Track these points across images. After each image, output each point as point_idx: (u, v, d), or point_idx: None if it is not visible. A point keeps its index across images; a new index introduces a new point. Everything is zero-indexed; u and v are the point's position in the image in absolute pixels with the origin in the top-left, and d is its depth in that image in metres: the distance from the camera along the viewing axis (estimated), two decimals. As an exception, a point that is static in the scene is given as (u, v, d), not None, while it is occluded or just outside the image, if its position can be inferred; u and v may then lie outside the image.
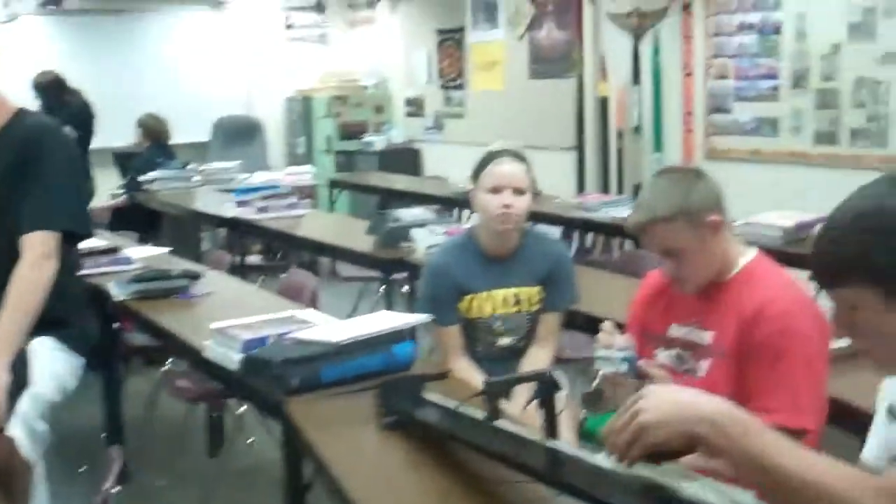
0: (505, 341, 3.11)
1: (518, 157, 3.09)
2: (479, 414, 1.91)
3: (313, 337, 2.67)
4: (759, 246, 4.29)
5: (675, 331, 2.41)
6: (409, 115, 9.74)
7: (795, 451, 1.40)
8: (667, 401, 1.43)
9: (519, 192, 3.02)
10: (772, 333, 2.21)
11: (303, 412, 2.43)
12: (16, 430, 2.28)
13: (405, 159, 9.27)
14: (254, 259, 6.84)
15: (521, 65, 8.11)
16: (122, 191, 7.62)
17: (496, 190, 3.01)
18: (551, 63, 7.83)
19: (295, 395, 2.50)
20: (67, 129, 6.85)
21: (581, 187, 7.56)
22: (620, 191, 7.33)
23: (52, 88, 7.02)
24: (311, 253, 5.92)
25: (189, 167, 7.71)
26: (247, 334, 2.79)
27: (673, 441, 1.41)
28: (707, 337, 2.34)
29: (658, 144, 7.03)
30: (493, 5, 8.36)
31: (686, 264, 2.31)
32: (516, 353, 3.12)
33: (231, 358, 2.76)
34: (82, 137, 7.04)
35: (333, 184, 8.15)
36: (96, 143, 7.77)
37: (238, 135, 9.86)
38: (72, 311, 2.68)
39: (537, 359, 3.11)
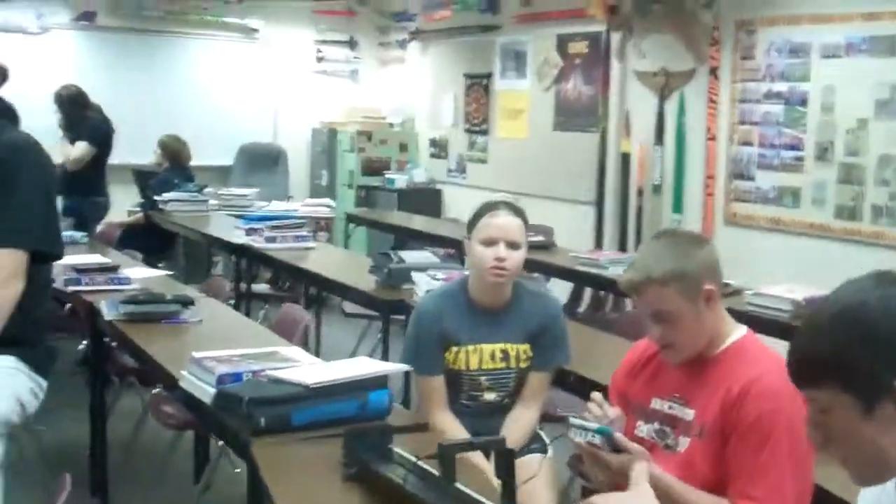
0: (490, 397, 3.03)
1: (514, 210, 3.03)
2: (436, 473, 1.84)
3: (288, 377, 2.60)
4: (766, 319, 4.27)
5: (658, 404, 2.33)
6: (433, 155, 9.72)
7: None
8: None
9: (513, 245, 2.95)
10: (759, 415, 2.13)
11: (268, 454, 2.36)
12: (-38, 452, 2.22)
13: (426, 199, 9.23)
14: (262, 287, 6.78)
15: (546, 115, 8.08)
16: (138, 209, 7.62)
17: (490, 242, 2.95)
18: (576, 116, 7.79)
19: (263, 436, 2.43)
20: (84, 145, 6.91)
21: (599, 242, 7.49)
22: (637, 247, 7.26)
23: (73, 102, 7.03)
24: (315, 287, 5.85)
25: (206, 190, 7.71)
26: (223, 368, 2.73)
27: None
28: (689, 413, 2.26)
29: (678, 205, 6.96)
30: (522, 54, 8.34)
31: (676, 332, 2.23)
32: (501, 409, 3.03)
33: (205, 390, 2.70)
34: (100, 153, 7.05)
35: (350, 218, 8.11)
36: (118, 159, 7.77)
37: (262, 162, 9.86)
38: (36, 331, 2.62)
39: (522, 419, 3.03)
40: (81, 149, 6.93)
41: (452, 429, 2.96)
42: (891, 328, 1.33)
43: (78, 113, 7.01)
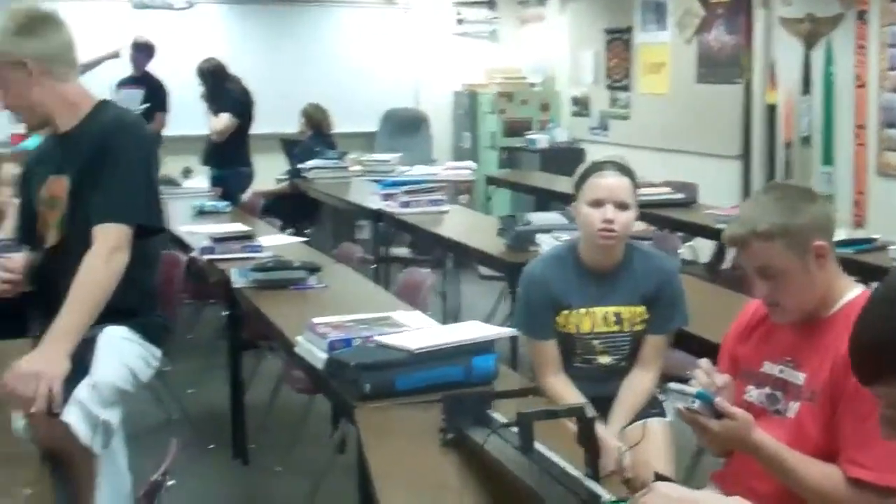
0: (605, 360, 2.98)
1: (623, 169, 2.94)
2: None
3: (393, 342, 2.63)
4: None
5: (769, 368, 2.24)
6: (575, 114, 9.60)
7: None
8: (671, 497, 1.44)
9: (622, 206, 2.88)
10: None
11: (370, 418, 2.40)
12: (71, 417, 2.33)
13: (569, 159, 9.08)
14: (401, 251, 6.87)
15: (689, 68, 7.85)
16: (285, 177, 7.82)
17: (597, 203, 2.88)
18: (719, 67, 7.54)
19: (368, 401, 2.46)
20: (227, 116, 7.11)
21: (746, 198, 7.26)
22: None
23: (214, 75, 7.25)
24: (447, 250, 5.88)
25: (349, 157, 7.84)
26: (335, 334, 2.78)
27: None
28: (800, 377, 2.16)
29: (828, 157, 6.67)
30: (662, 6, 8.12)
31: (782, 289, 2.13)
32: (617, 372, 2.98)
33: (317, 356, 2.76)
34: (241, 124, 7.25)
35: (490, 181, 8.10)
36: (264, 129, 8.00)
37: (405, 127, 9.96)
38: (147, 302, 2.72)
39: (639, 382, 2.96)
40: (224, 120, 7.15)
41: (565, 392, 2.93)
42: None
43: (219, 85, 7.22)
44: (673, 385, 2.10)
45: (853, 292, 2.19)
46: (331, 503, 3.68)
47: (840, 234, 4.62)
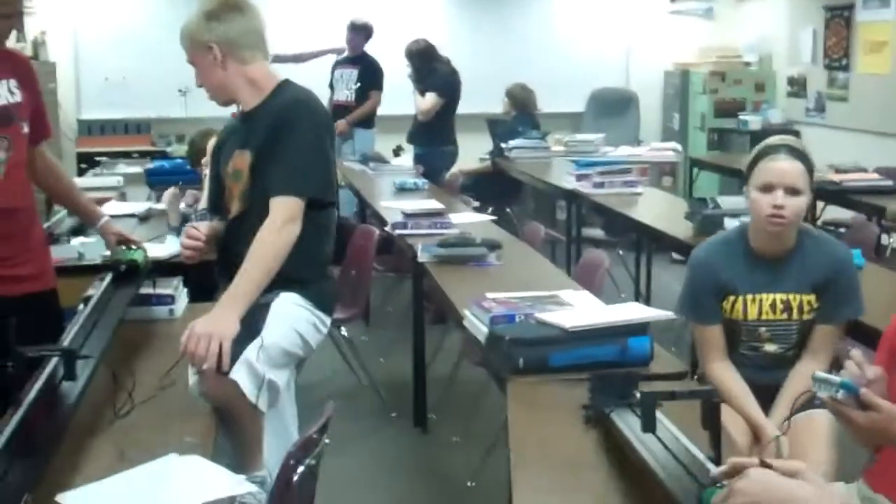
0: (771, 348, 2.93)
1: (796, 153, 2.87)
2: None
3: (551, 320, 2.69)
4: None
5: (930, 360, 2.17)
6: (790, 94, 9.24)
7: None
8: (763, 484, 1.40)
9: (793, 191, 2.81)
10: None
11: (520, 391, 2.47)
12: (239, 375, 2.51)
13: (783, 142, 8.83)
14: (595, 232, 6.87)
15: (912, 47, 7.42)
16: (487, 157, 7.96)
17: (768, 188, 2.82)
18: (945, 46, 7.09)
19: (521, 375, 2.54)
20: (433, 96, 7.30)
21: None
22: None
23: (422, 56, 7.44)
24: (636, 232, 5.85)
25: (551, 137, 7.89)
26: (499, 309, 2.87)
27: None
28: (962, 373, 2.08)
29: None
30: (886, -18, 7.70)
31: None
32: (783, 361, 2.92)
33: (480, 329, 2.85)
34: (448, 104, 7.42)
35: (693, 162, 7.95)
36: (471, 108, 8.17)
37: (613, 107, 9.90)
38: (317, 271, 2.88)
39: (806, 372, 2.87)
40: (431, 100, 7.34)
41: (728, 378, 2.90)
42: None
43: (427, 66, 7.42)
44: (819, 374, 2.06)
45: None
46: (502, 473, 3.77)
47: None
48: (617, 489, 1.91)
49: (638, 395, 2.18)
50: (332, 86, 8.08)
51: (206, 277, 3.09)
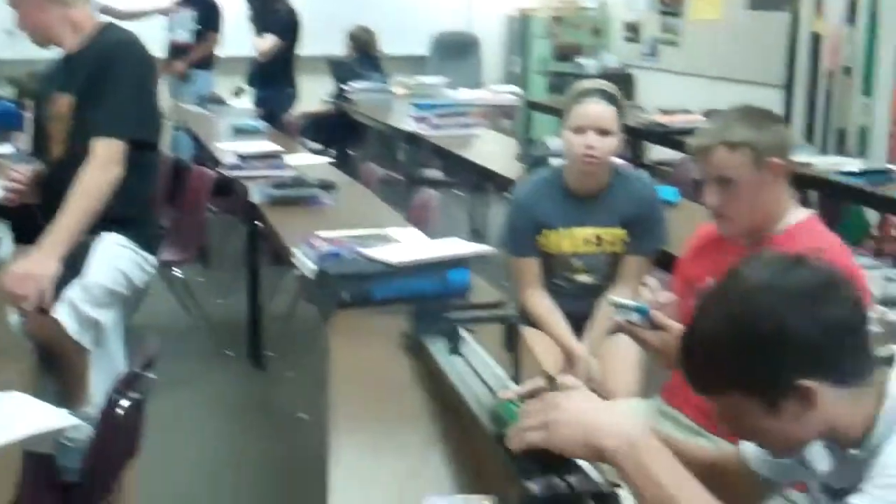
0: (584, 278, 3.11)
1: (607, 96, 3.03)
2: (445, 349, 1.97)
3: (377, 256, 2.78)
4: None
5: (713, 285, 2.35)
6: (626, 40, 9.53)
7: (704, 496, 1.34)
8: (586, 405, 1.41)
9: (604, 132, 2.97)
10: None
11: (344, 324, 2.56)
12: (61, 314, 2.53)
13: (618, 85, 9.01)
14: (434, 174, 6.99)
15: (740, -7, 7.76)
16: (329, 99, 7.96)
17: (580, 130, 2.98)
18: (769, -7, 7.45)
19: (345, 309, 2.63)
20: (272, 37, 7.25)
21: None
22: (825, 134, 6.96)
23: (260, -3, 7.37)
24: (471, 173, 5.99)
25: (394, 80, 7.95)
26: (327, 247, 2.94)
27: (571, 445, 1.37)
28: (742, 294, 2.27)
29: (868, 88, 6.60)
30: (713, -70, 8.00)
31: (734, 200, 2.23)
32: (595, 291, 3.11)
33: (309, 267, 2.92)
34: (288, 45, 7.37)
35: (530, 105, 8.15)
36: (312, 50, 8.12)
37: (456, 50, 10.00)
38: (142, 212, 2.91)
39: (616, 299, 3.08)
40: (270, 41, 7.28)
41: (543, 307, 3.08)
42: (787, 332, 1.31)
43: (266, 6, 7.34)
44: (615, 299, 2.24)
45: (799, 215, 2.29)
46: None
47: (855, 165, 4.66)
48: (430, 410, 2.02)
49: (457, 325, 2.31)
50: (169, 25, 7.90)
51: (31, 220, 3.06)
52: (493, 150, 5.54)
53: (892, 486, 1.28)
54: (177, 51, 7.67)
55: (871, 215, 6.01)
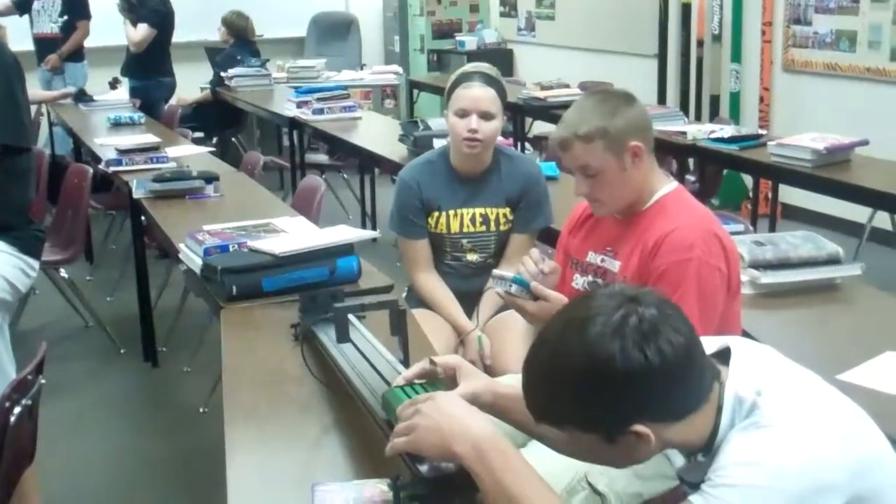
0: (473, 258, 3.17)
1: (489, 80, 3.08)
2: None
3: (262, 247, 2.79)
4: (787, 169, 4.26)
5: (592, 257, 2.44)
6: (503, 15, 9.64)
7: (543, 493, 1.40)
8: (444, 412, 1.47)
9: (486, 116, 3.03)
10: (668, 265, 2.21)
11: (235, 318, 2.56)
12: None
13: (497, 60, 9.05)
14: (319, 158, 6.98)
15: (609, -34, 7.91)
16: (208, 86, 7.85)
17: (463, 113, 3.03)
18: (637, -35, 7.61)
19: (235, 302, 2.63)
20: (145, 27, 7.11)
21: (662, 98, 7.41)
22: (699, 101, 7.18)
23: (130, -14, 7.22)
24: (355, 156, 6.01)
25: (272, 64, 7.88)
26: (212, 240, 2.93)
27: (431, 450, 1.45)
28: (616, 265, 2.36)
29: (737, 54, 6.83)
30: None
31: (601, 186, 2.29)
32: (484, 269, 3.15)
33: (195, 261, 2.91)
34: (161, 34, 7.24)
35: (413, 84, 8.18)
36: (188, 37, 8.01)
37: (334, 31, 9.93)
38: (19, 217, 2.86)
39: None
40: (142, 31, 7.14)
41: (434, 287, 3.13)
42: (619, 377, 1.34)
43: (136, -5, 7.19)
44: (495, 272, 2.30)
45: (666, 188, 2.37)
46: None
47: (727, 132, 4.82)
48: (321, 397, 2.05)
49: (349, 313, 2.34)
50: (31, 18, 7.62)
51: None
52: (377, 132, 5.56)
53: (726, 486, 1.35)
54: (44, 43, 7.44)
55: (749, 180, 6.25)
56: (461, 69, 3.20)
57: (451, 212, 3.13)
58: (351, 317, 2.17)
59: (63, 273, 4.63)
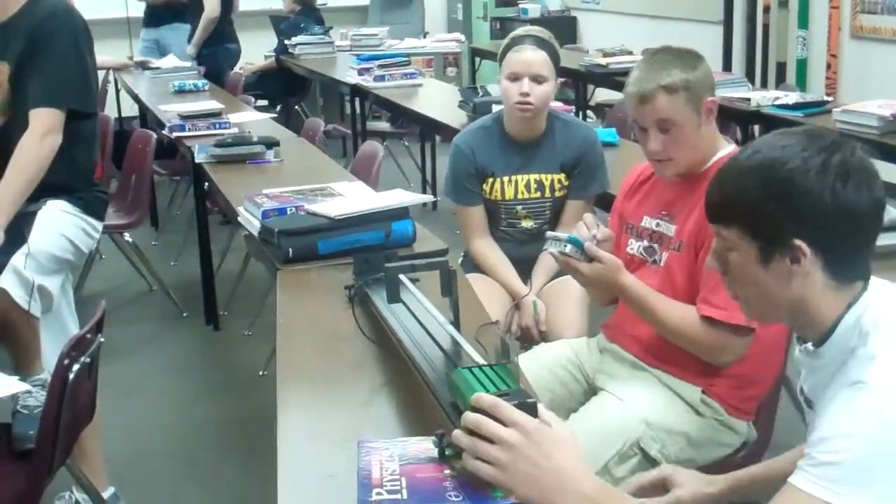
0: (528, 224, 3.16)
1: (541, 42, 3.06)
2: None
3: (319, 210, 2.81)
4: (854, 136, 4.17)
5: (647, 222, 2.42)
6: (568, -19, 9.55)
7: None
8: (545, 465, 1.25)
9: (538, 79, 3.01)
10: None
11: (290, 279, 2.59)
12: (6, 283, 2.55)
13: (561, 28, 9.06)
14: (381, 125, 6.99)
15: (676, -69, 7.78)
16: (272, 54, 7.90)
17: (515, 77, 3.02)
18: (704, -70, 7.48)
19: (291, 264, 2.66)
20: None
21: (727, 64, 7.30)
22: (765, 68, 7.05)
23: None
24: (417, 123, 6.01)
25: (336, 32, 7.90)
26: (270, 204, 2.96)
27: (527, 499, 1.26)
28: (672, 229, 2.35)
29: (803, 20, 6.68)
30: None
31: (676, 143, 2.26)
32: (539, 235, 3.13)
33: (253, 224, 2.95)
34: (225, 2, 7.28)
35: (475, 52, 8.15)
36: (253, 6, 8.07)
37: (397, 0, 9.93)
38: (81, 179, 2.92)
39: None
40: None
41: (489, 253, 3.13)
42: (805, 190, 1.41)
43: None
44: (549, 233, 2.29)
45: (725, 150, 2.34)
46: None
47: (791, 98, 4.74)
48: (373, 357, 2.07)
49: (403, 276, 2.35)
50: None
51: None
52: (439, 99, 5.56)
53: (828, 464, 1.33)
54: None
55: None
56: (513, 33, 3.18)
57: (506, 178, 3.12)
58: (403, 278, 2.18)
59: (128, 237, 4.72)
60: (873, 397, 1.33)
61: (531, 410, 1.28)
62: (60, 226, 2.77)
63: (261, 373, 3.98)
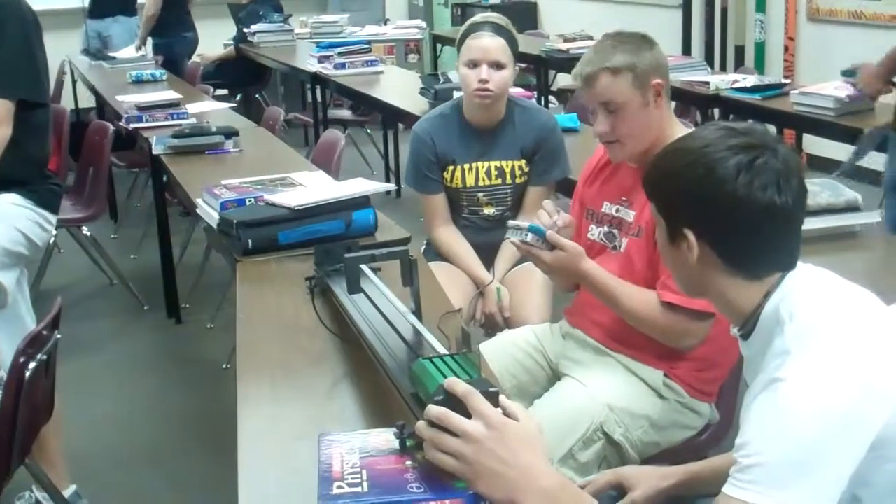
0: (490, 211, 3.16)
1: (499, 28, 3.04)
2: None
3: (278, 200, 2.79)
4: (810, 117, 4.20)
5: (607, 207, 2.43)
6: (527, -33, 9.53)
7: None
8: (509, 460, 1.23)
9: (497, 66, 3.00)
10: None
11: (250, 271, 2.57)
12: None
13: (522, 13, 9.08)
14: (343, 113, 6.95)
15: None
16: (231, 43, 7.83)
17: (473, 64, 3.00)
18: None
19: (251, 256, 2.63)
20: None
21: (687, 48, 7.32)
22: (724, 52, 7.08)
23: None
24: (377, 110, 5.98)
25: (295, 19, 7.84)
26: (229, 195, 2.93)
27: (492, 495, 1.23)
28: (631, 215, 2.35)
29: (761, 4, 6.72)
30: None
31: (623, 124, 2.27)
32: (501, 222, 3.13)
33: (212, 216, 2.92)
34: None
35: (437, 39, 8.12)
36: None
37: (358, -14, 9.87)
38: (36, 171, 2.88)
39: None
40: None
41: (452, 240, 3.13)
42: (705, 183, 1.46)
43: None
44: (510, 222, 2.28)
45: (681, 134, 2.34)
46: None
47: (749, 81, 4.76)
48: (334, 349, 2.06)
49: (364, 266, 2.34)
50: None
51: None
52: (400, 87, 5.53)
53: (750, 467, 1.34)
54: None
55: (772, 130, 6.17)
56: (471, 20, 3.17)
57: (467, 165, 3.11)
58: (365, 269, 2.17)
59: (86, 231, 4.67)
60: (786, 397, 1.34)
61: (493, 400, 1.27)
62: (12, 219, 2.73)
63: (224, 366, 3.95)
